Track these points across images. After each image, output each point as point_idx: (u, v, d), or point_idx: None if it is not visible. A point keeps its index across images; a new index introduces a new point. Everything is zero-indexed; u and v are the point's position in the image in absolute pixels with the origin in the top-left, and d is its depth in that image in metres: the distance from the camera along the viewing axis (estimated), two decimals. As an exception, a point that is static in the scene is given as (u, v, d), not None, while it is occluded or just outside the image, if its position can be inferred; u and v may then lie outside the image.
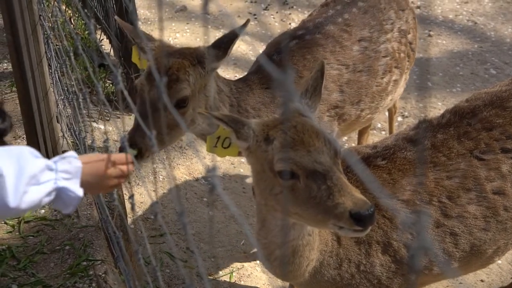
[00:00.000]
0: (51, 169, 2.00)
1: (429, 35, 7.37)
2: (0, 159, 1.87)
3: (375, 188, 1.12)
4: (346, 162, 2.59)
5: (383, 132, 5.78)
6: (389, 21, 4.11)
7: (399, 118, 5.98)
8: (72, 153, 2.09)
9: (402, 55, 4.15)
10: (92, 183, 2.14)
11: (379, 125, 5.90)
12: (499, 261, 4.35)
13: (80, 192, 2.05)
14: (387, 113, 5.48)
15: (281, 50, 3.75)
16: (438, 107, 6.10)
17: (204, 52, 3.28)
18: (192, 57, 3.24)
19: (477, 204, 2.83)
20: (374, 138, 5.72)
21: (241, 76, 3.92)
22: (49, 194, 1.98)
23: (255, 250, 4.35)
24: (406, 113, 6.06)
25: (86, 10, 5.09)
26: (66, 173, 2.03)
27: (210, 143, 2.53)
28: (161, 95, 1.64)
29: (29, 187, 1.91)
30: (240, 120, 2.44)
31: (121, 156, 2.27)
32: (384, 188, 2.76)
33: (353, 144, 5.36)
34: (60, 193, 2.02)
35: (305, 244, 2.58)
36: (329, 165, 2.25)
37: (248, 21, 3.32)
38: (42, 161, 1.98)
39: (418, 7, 7.88)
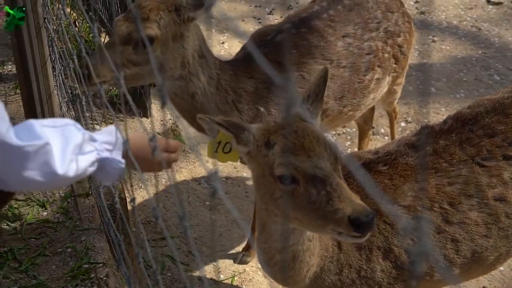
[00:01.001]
0: (94, 140, 2.04)
1: (433, 41, 7.37)
2: (46, 129, 1.92)
3: (376, 194, 1.12)
4: (347, 167, 2.58)
5: (386, 138, 5.77)
6: (375, 20, 4.12)
7: (402, 124, 5.98)
8: (113, 127, 2.13)
9: (386, 55, 4.16)
10: (136, 158, 2.17)
11: (382, 130, 5.90)
12: (501, 268, 4.34)
13: (121, 163, 2.09)
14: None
15: (267, 43, 3.77)
16: (441, 113, 6.10)
17: (182, 1, 3.33)
18: (170, 4, 3.31)
19: (478, 211, 2.83)
20: (377, 143, 5.71)
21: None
22: (92, 164, 2.03)
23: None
24: (409, 119, 6.06)
25: (90, 13, 5.10)
26: (108, 144, 2.08)
27: (211, 148, 2.53)
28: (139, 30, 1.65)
29: (74, 156, 1.97)
30: (240, 125, 2.44)
31: (174, 143, 2.31)
32: (385, 193, 2.76)
33: (355, 149, 5.36)
34: (102, 164, 2.07)
35: (305, 250, 2.58)
36: (329, 170, 2.25)
37: None
38: (86, 133, 2.03)
39: (422, 13, 7.88)
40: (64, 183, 2.07)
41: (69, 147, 1.95)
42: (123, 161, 2.10)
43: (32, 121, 1.93)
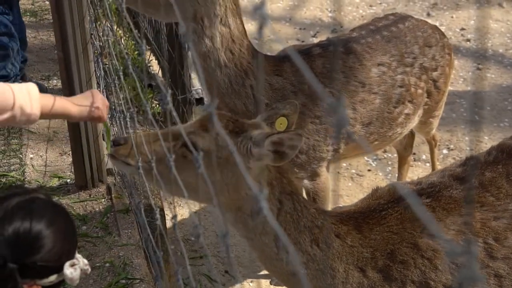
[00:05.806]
0: None
1: (478, 69, 7.30)
2: None
3: (426, 220, 1.10)
4: (397, 193, 2.56)
5: (427, 164, 5.71)
6: (411, 55, 4.04)
7: (444, 151, 5.91)
8: None
9: (419, 91, 4.08)
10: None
11: (423, 157, 5.83)
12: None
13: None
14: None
15: (303, 52, 3.80)
16: (484, 141, 6.02)
17: None
18: None
19: None
20: (418, 169, 5.66)
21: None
22: None
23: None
24: (451, 146, 5.99)
25: (137, 31, 5.15)
26: None
27: None
28: None
29: None
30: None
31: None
32: (434, 222, 2.70)
33: (396, 175, 5.31)
34: None
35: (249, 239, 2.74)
36: None
37: None
38: None
39: (468, 40, 7.81)
40: None
41: None
42: None
43: None
